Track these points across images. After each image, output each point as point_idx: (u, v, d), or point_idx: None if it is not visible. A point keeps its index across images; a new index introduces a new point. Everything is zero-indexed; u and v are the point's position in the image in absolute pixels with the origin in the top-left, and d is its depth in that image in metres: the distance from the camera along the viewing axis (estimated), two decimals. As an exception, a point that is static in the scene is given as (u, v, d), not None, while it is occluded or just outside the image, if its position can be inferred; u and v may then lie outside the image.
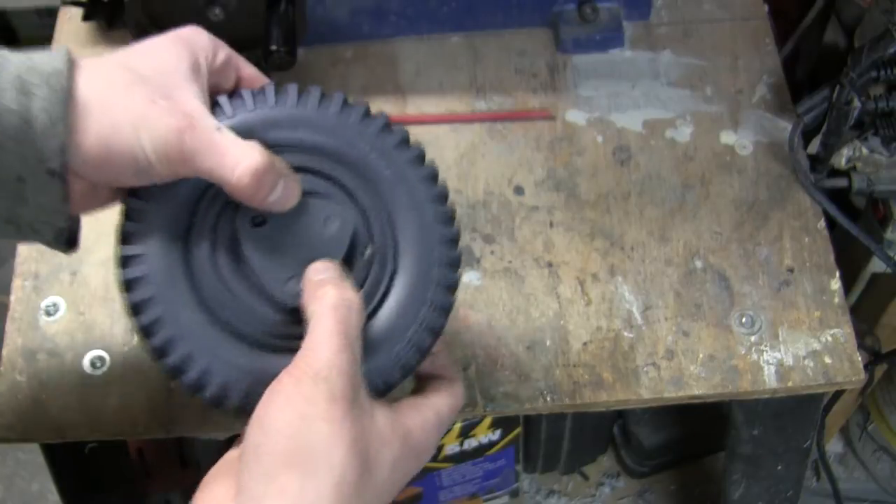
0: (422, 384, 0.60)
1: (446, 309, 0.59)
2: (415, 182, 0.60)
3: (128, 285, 0.55)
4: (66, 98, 0.51)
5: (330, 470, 0.49)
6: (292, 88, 0.60)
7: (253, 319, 0.56)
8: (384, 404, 0.55)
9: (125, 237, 0.56)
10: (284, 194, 0.56)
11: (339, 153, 0.59)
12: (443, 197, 0.61)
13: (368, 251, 0.58)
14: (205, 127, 0.53)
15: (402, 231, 0.59)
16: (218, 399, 0.55)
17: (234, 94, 0.59)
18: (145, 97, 0.52)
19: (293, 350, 0.53)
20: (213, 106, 0.58)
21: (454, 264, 0.60)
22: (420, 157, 0.61)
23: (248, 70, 0.61)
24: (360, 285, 0.57)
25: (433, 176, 0.61)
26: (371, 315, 0.57)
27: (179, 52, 0.56)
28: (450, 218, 0.60)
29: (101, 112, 0.52)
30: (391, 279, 0.58)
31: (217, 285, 0.56)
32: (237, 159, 0.54)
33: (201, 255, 0.56)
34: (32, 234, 0.55)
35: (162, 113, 0.52)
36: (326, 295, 0.53)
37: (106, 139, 0.51)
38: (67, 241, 0.57)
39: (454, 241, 0.60)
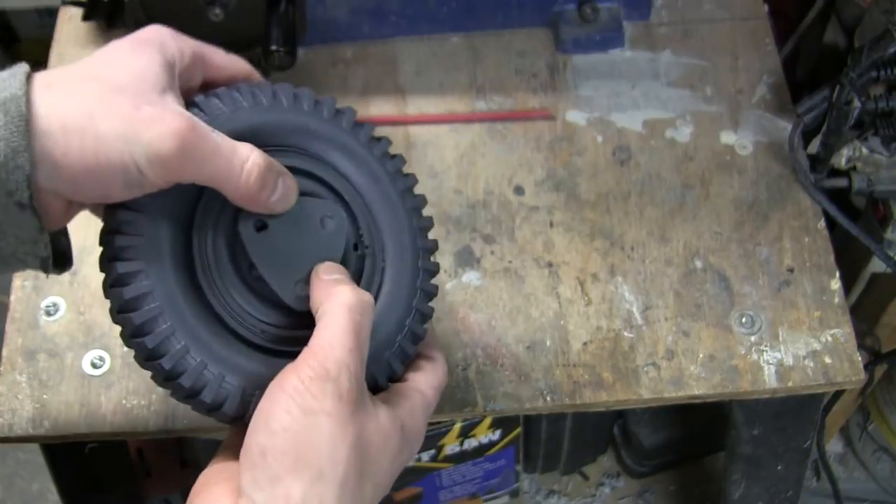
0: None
1: (432, 294, 0.62)
2: (386, 177, 0.61)
3: (131, 304, 0.52)
4: (24, 126, 0.46)
5: (334, 472, 0.49)
6: (266, 87, 0.58)
7: (258, 325, 0.55)
8: (378, 400, 0.55)
9: (120, 251, 0.52)
10: (284, 193, 0.54)
11: (321, 151, 0.59)
12: (409, 189, 0.62)
13: (359, 249, 0.59)
14: (204, 130, 0.51)
15: (383, 226, 0.60)
16: (217, 405, 0.54)
17: (207, 94, 0.56)
18: (129, 105, 0.49)
19: (294, 354, 0.52)
20: (188, 107, 0.54)
21: (432, 250, 0.62)
22: (387, 151, 0.62)
23: (219, 58, 0.58)
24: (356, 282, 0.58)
25: (399, 169, 0.62)
26: None
27: (149, 55, 0.52)
28: (419, 208, 0.62)
29: (82, 129, 0.48)
30: (382, 276, 0.59)
31: (220, 294, 0.55)
32: (242, 160, 0.52)
33: (202, 263, 0.54)
34: (19, 264, 0.52)
35: (152, 120, 0.49)
36: (342, 294, 0.53)
37: (92, 156, 0.48)
38: (57, 263, 0.54)
39: (426, 228, 0.62)
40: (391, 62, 0.96)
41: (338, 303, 0.52)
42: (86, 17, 0.95)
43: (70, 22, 0.98)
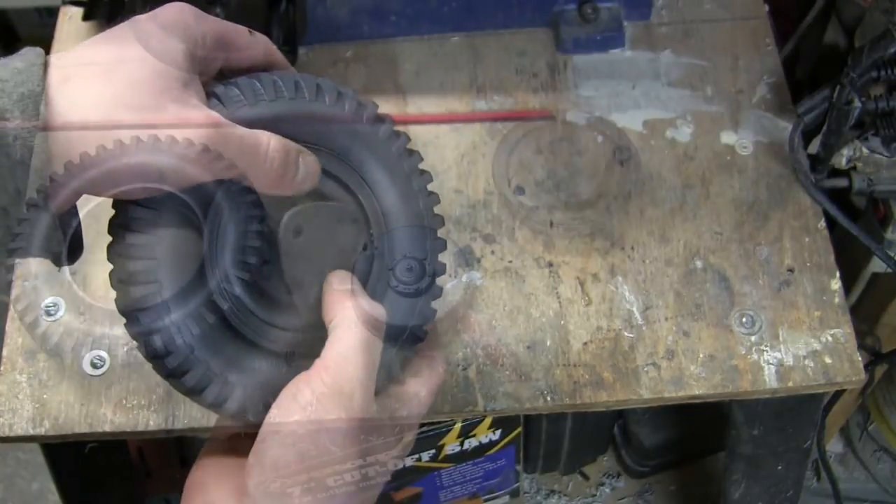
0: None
1: (436, 296, 0.60)
2: (404, 176, 0.60)
3: (140, 303, 0.52)
4: (42, 125, 0.45)
5: (343, 486, 0.50)
6: (289, 78, 0.57)
7: (263, 327, 0.55)
8: (380, 408, 0.55)
9: (131, 249, 0.52)
10: (308, 171, 0.54)
11: (341, 147, 0.58)
12: (424, 187, 0.61)
13: (368, 249, 0.58)
14: (227, 128, 0.50)
15: (396, 227, 0.59)
16: (217, 404, 0.54)
17: (227, 84, 0.55)
18: (150, 108, 0.48)
19: (298, 357, 0.53)
20: (208, 97, 0.53)
21: (440, 251, 0.60)
22: (406, 147, 0.60)
23: (242, 39, 0.57)
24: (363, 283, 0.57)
25: (416, 167, 0.61)
26: None
27: (172, 44, 0.51)
28: (432, 207, 0.61)
29: (100, 132, 0.47)
30: (389, 278, 0.58)
31: (228, 294, 0.54)
32: (265, 149, 0.51)
33: (212, 262, 0.53)
34: (30, 257, 0.51)
35: (175, 124, 0.48)
36: (357, 307, 0.53)
37: (110, 160, 0.47)
38: (70, 253, 0.52)
39: (437, 228, 0.61)
40: (391, 62, 0.96)
41: (352, 316, 0.52)
42: (86, 17, 0.95)
43: (70, 22, 0.98)
